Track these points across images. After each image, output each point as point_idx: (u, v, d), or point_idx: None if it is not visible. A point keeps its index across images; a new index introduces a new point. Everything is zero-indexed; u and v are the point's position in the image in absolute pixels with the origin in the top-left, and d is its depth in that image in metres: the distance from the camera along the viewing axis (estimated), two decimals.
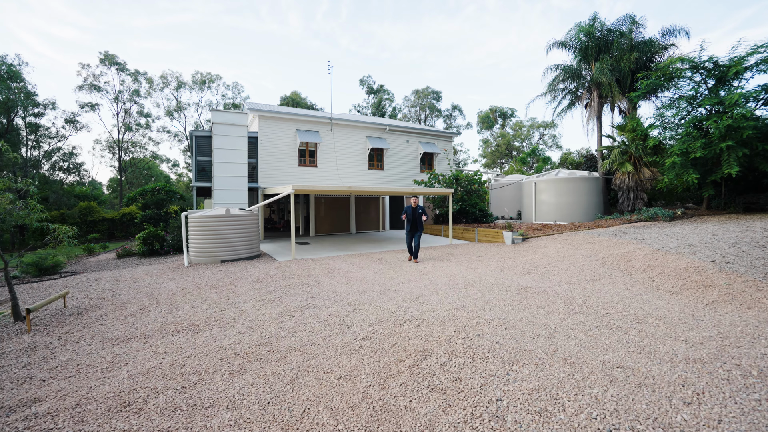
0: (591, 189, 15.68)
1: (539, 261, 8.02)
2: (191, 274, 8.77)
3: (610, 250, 8.29)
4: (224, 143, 14.39)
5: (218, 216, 10.43)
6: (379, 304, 5.28)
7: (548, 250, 9.29)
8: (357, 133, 18.33)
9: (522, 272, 6.89)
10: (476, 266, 8.05)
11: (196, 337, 4.25)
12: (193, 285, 7.42)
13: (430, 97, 47.35)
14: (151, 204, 21.14)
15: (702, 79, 13.71)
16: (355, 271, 8.29)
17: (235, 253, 10.53)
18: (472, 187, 16.90)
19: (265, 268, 8.99)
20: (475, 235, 13.77)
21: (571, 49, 18.69)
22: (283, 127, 16.53)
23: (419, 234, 9.36)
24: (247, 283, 7.38)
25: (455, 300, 5.20)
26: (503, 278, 6.47)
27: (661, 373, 2.75)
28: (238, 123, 14.72)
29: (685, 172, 13.44)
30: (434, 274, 7.48)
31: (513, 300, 5.02)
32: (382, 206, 19.80)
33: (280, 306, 5.46)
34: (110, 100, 38.27)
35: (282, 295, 6.20)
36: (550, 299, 4.96)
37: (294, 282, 7.24)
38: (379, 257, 10.32)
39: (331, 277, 7.59)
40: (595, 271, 6.50)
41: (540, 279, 6.21)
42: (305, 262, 9.75)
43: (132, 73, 38.92)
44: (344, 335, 3.98)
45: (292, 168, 16.69)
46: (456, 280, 6.67)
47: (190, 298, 6.28)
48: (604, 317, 4.15)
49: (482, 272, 7.31)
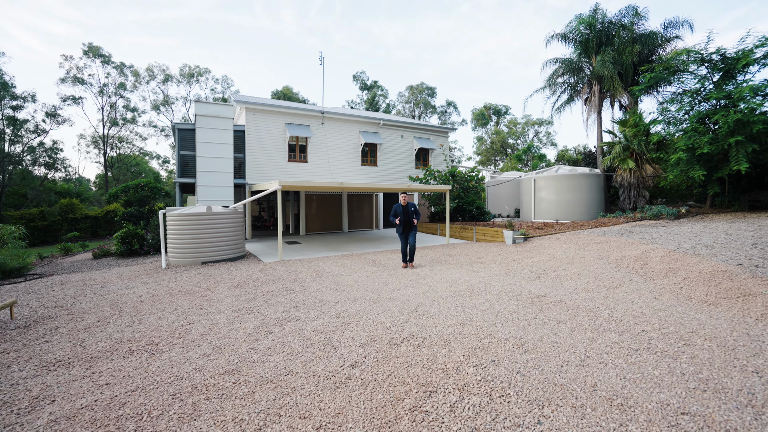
0: (592, 186, 15.13)
1: (547, 264, 7.38)
2: (167, 277, 8.00)
3: (621, 252, 7.69)
4: (208, 136, 13.56)
5: (198, 214, 9.65)
6: (371, 316, 4.59)
7: (554, 251, 8.67)
8: (349, 127, 17.57)
9: (530, 277, 6.25)
10: (478, 269, 7.39)
11: (151, 361, 3.52)
12: (165, 291, 6.66)
13: (425, 93, 46.65)
14: (134, 201, 20.15)
15: (708, 73, 13.20)
16: (346, 274, 7.58)
17: (217, 254, 9.76)
18: (469, 184, 16.26)
19: (248, 271, 8.24)
20: (473, 233, 13.14)
21: (571, 42, 18.11)
22: (271, 120, 15.72)
23: (413, 233, 8.29)
24: (226, 288, 6.63)
25: (460, 312, 4.53)
26: (511, 284, 5.82)
27: (744, 424, 2.10)
28: (224, 115, 13.89)
29: (690, 169, 12.93)
30: (433, 278, 6.80)
31: (527, 312, 4.35)
32: (376, 204, 19.09)
33: (258, 318, 4.74)
34: (95, 93, 36.97)
35: (262, 303, 5.48)
36: (571, 311, 4.30)
37: (278, 287, 6.51)
38: (372, 258, 9.62)
39: (320, 282, 6.87)
40: (612, 276, 5.87)
41: (552, 285, 5.56)
42: (293, 264, 9.02)
43: (118, 65, 37.65)
44: (329, 360, 3.28)
45: (282, 163, 15.90)
46: (458, 286, 6.00)
47: (158, 307, 5.53)
48: (641, 336, 3.49)
49: (486, 276, 6.66)
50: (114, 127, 39.39)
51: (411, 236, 8.25)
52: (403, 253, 8.28)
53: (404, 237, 8.27)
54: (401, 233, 8.28)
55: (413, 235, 8.26)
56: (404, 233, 8.25)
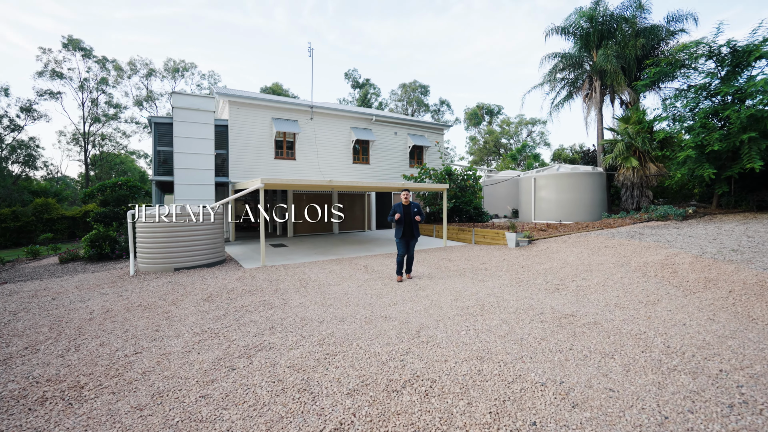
0: (595, 185, 14.45)
1: (562, 271, 6.57)
2: (131, 287, 7.03)
3: (641, 257, 6.92)
4: (187, 131, 12.53)
5: (171, 215, 8.66)
6: (363, 342, 3.71)
7: (565, 256, 7.88)
8: (340, 123, 16.65)
9: (547, 288, 5.42)
10: (484, 278, 6.55)
11: (62, 418, 2.59)
12: (123, 305, 5.69)
13: (418, 92, 45.84)
14: (111, 201, 18.96)
15: (716, 67, 12.58)
16: (335, 283, 6.69)
17: (192, 260, 8.79)
18: (466, 183, 15.46)
19: (224, 280, 7.29)
20: (471, 236, 12.32)
21: (571, 35, 17.41)
22: (256, 114, 14.73)
23: (414, 243, 6.87)
24: (194, 302, 5.69)
25: (473, 338, 3.66)
26: (527, 298, 4.98)
27: None
28: (204, 108, 12.87)
29: (699, 167, 12.28)
30: (434, 289, 5.94)
31: (559, 339, 3.50)
32: (368, 204, 18.19)
33: (223, 345, 3.82)
34: (75, 88, 35.41)
35: (232, 323, 4.56)
36: (613, 339, 3.45)
37: (254, 301, 5.59)
38: (364, 264, 8.73)
39: (304, 294, 5.97)
40: (644, 288, 5.06)
41: (577, 300, 4.72)
42: (276, 271, 8.09)
43: (100, 59, 36.11)
44: (305, 420, 2.39)
45: (268, 161, 14.91)
46: (465, 300, 5.15)
47: (106, 328, 4.58)
48: (723, 381, 2.62)
49: (495, 288, 5.82)
50: (96, 124, 37.86)
51: (411, 246, 6.83)
52: (399, 264, 6.79)
53: (404, 243, 6.77)
54: (400, 238, 6.74)
55: (414, 242, 6.89)
56: (404, 238, 6.75)
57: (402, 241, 6.81)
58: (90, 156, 40.48)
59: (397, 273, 6.81)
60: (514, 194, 19.75)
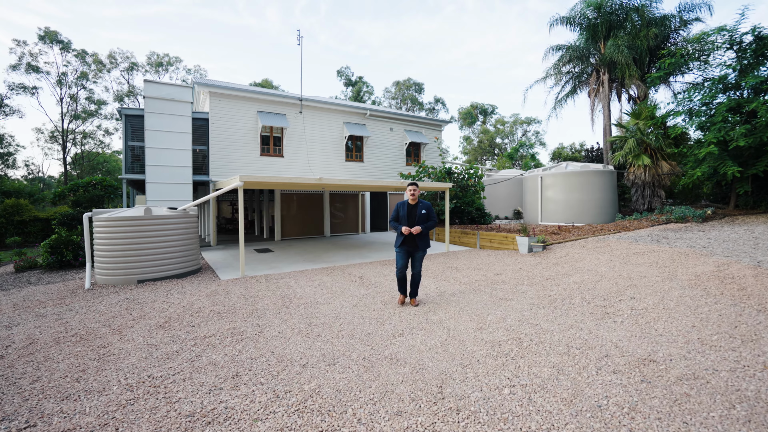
0: (605, 185, 13.48)
1: (599, 286, 5.49)
2: (78, 306, 5.79)
3: (687, 268, 5.88)
4: (161, 123, 11.24)
5: (134, 218, 7.42)
6: (363, 411, 2.56)
7: (594, 266, 6.80)
8: (332, 117, 15.45)
9: (593, 312, 4.28)
10: (506, 294, 5.44)
11: None
12: (55, 334, 4.47)
13: (412, 89, 44.80)
14: (84, 201, 17.51)
15: (738, 56, 11.67)
16: (324, 301, 5.52)
17: (159, 270, 7.55)
18: (467, 183, 14.39)
19: (192, 296, 6.08)
20: (476, 239, 11.24)
21: (577, 26, 16.46)
22: (240, 107, 13.47)
23: (422, 253, 5.07)
24: (146, 330, 4.48)
25: (524, 403, 2.49)
26: (573, 327, 3.85)
27: None
28: (180, 98, 11.59)
29: (722, 165, 11.36)
30: (447, 311, 4.81)
31: (658, 411, 2.33)
32: (362, 204, 17.03)
33: (159, 412, 2.64)
34: (52, 83, 33.64)
35: (184, 367, 3.38)
36: (740, 408, 2.30)
37: (221, 328, 4.40)
38: (360, 273, 7.58)
39: (285, 317, 4.79)
40: (720, 313, 3.92)
41: (641, 331, 3.53)
42: (256, 284, 6.89)
43: (79, 53, 34.35)
44: None
45: (253, 158, 13.66)
46: (491, 329, 4.02)
47: (15, 372, 3.37)
48: None
49: (524, 309, 4.71)
50: (76, 121, 36.10)
51: (417, 260, 5.07)
52: (399, 280, 5.14)
53: (405, 254, 5.06)
54: (400, 246, 5.03)
55: (421, 256, 5.08)
56: (405, 247, 5.02)
57: (402, 251, 5.04)
58: (72, 155, 38.70)
59: (399, 290, 5.23)
60: (515, 194, 18.75)
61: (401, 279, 5.18)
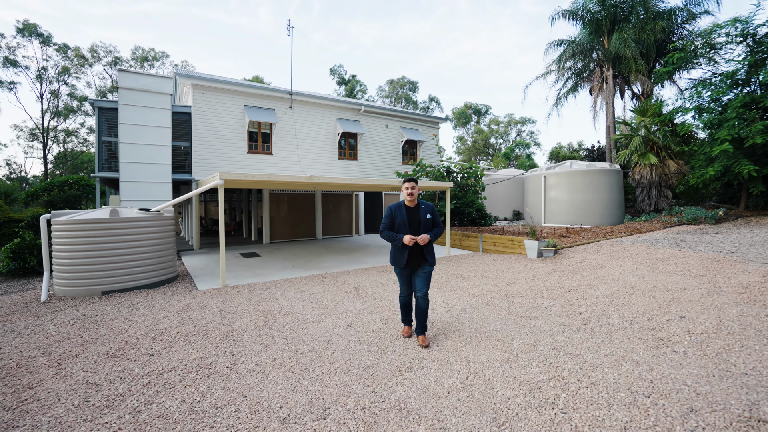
0: (612, 184, 12.84)
1: (634, 301, 4.75)
2: (24, 323, 4.91)
3: (726, 277, 5.18)
4: (136, 117, 10.30)
5: (98, 221, 6.52)
6: None
7: (618, 274, 6.08)
8: (324, 113, 14.61)
9: (642, 337, 3.45)
10: (527, 312, 4.67)
11: None
12: None
13: (406, 88, 44.05)
14: (59, 202, 16.42)
15: (751, 50, 11.10)
16: (314, 319, 4.70)
17: (126, 280, 6.65)
18: (467, 182, 13.64)
19: (160, 312, 5.22)
20: (479, 242, 10.49)
21: (579, 20, 15.84)
22: (226, 101, 12.57)
23: (427, 273, 3.75)
24: (93, 359, 3.63)
25: None
26: (624, 359, 3.05)
27: None
28: (159, 90, 10.66)
29: (736, 163, 10.78)
30: (463, 335, 4.03)
31: None
32: (356, 205, 16.20)
33: None
34: (32, 78, 32.23)
35: (125, 420, 2.55)
36: None
37: (185, 358, 3.56)
38: (354, 282, 6.77)
39: (266, 340, 3.97)
40: None
41: (717, 368, 2.65)
42: (237, 295, 6.05)
43: (60, 47, 32.96)
44: None
45: (239, 155, 12.77)
46: (522, 362, 3.24)
47: None
48: None
49: (555, 333, 3.94)
50: (58, 119, 34.67)
51: (421, 278, 3.73)
52: (404, 306, 3.94)
53: (407, 276, 3.80)
54: (403, 268, 3.73)
55: (427, 275, 3.74)
56: (409, 267, 3.73)
57: (404, 273, 3.78)
58: (55, 154, 37.21)
59: (403, 320, 4.01)
60: (514, 195, 18.07)
61: (406, 305, 3.92)
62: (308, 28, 69.85)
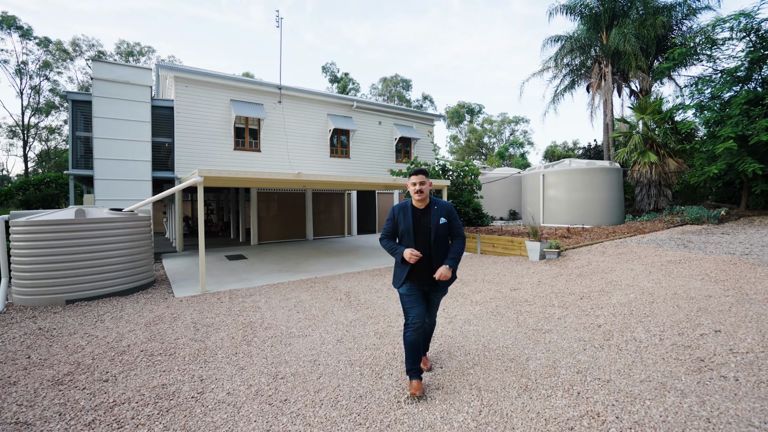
0: (612, 183, 12.48)
1: (654, 310, 4.30)
2: None
3: (750, 282, 4.76)
4: (113, 110, 9.64)
5: (62, 222, 5.89)
6: None
7: (630, 279, 5.64)
8: (315, 109, 14.03)
9: (685, 360, 2.96)
10: (538, 323, 4.19)
11: None
12: None
13: (400, 86, 43.54)
14: (35, 201, 15.61)
15: (754, 45, 10.80)
16: (300, 333, 4.16)
17: (94, 287, 6.03)
18: (464, 181, 13.19)
19: (127, 325, 4.63)
20: (476, 243, 10.03)
21: (578, 15, 15.47)
22: (211, 95, 11.93)
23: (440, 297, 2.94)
24: (34, 387, 3.05)
25: None
26: (672, 391, 2.49)
27: None
28: (137, 82, 10.00)
29: (740, 161, 10.47)
30: (470, 354, 3.53)
31: None
32: (348, 204, 15.66)
33: None
34: (11, 73, 31.04)
35: None
36: None
37: (146, 384, 3.00)
38: (346, 288, 6.24)
39: (243, 361, 3.42)
40: None
41: None
42: (216, 304, 5.47)
43: (41, 40, 31.80)
44: None
45: (225, 152, 12.14)
46: (548, 397, 2.71)
47: None
48: None
49: (576, 352, 3.45)
50: (39, 115, 33.50)
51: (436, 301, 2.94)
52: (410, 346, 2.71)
53: (418, 298, 2.76)
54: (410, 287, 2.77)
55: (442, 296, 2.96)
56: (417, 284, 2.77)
57: (412, 291, 2.76)
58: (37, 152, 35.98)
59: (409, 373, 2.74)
60: (510, 194, 17.71)
61: (413, 344, 2.70)
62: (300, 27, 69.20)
